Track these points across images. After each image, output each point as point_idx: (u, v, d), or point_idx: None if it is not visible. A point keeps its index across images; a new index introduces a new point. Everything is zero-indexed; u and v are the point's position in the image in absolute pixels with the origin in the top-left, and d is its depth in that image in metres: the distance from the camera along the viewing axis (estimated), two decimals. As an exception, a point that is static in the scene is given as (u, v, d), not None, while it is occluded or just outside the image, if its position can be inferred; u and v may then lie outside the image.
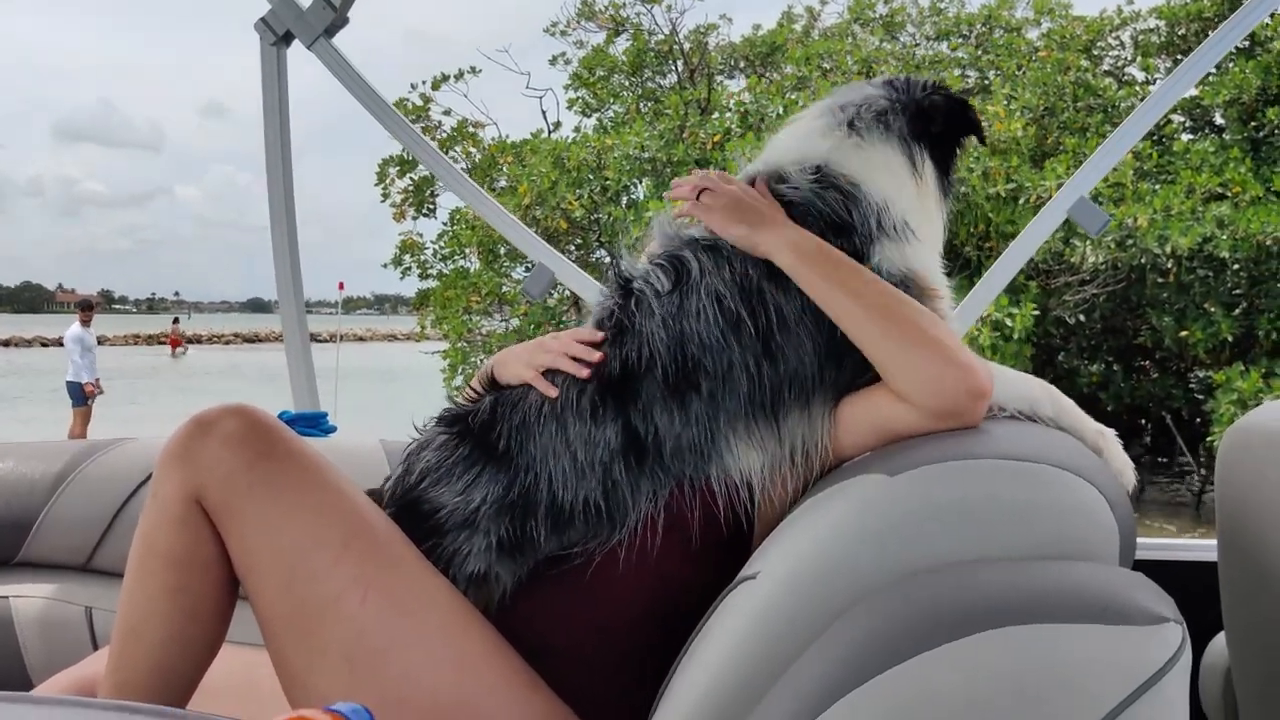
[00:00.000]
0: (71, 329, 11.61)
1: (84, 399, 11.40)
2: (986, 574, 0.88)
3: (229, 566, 1.19)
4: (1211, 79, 9.48)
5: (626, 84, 12.69)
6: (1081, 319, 9.05)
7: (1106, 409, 9.10)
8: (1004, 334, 7.67)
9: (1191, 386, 9.17)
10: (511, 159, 10.73)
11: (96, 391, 11.55)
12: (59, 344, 18.62)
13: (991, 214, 8.29)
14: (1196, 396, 8.95)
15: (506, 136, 11.56)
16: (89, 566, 1.77)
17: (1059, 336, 9.36)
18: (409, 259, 11.82)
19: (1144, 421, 10.23)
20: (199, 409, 1.20)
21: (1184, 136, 10.08)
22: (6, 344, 39.34)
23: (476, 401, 1.31)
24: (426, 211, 11.76)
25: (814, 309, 1.19)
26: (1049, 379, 1.24)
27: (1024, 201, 8.30)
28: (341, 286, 17.57)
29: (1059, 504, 0.95)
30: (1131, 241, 8.37)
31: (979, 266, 8.02)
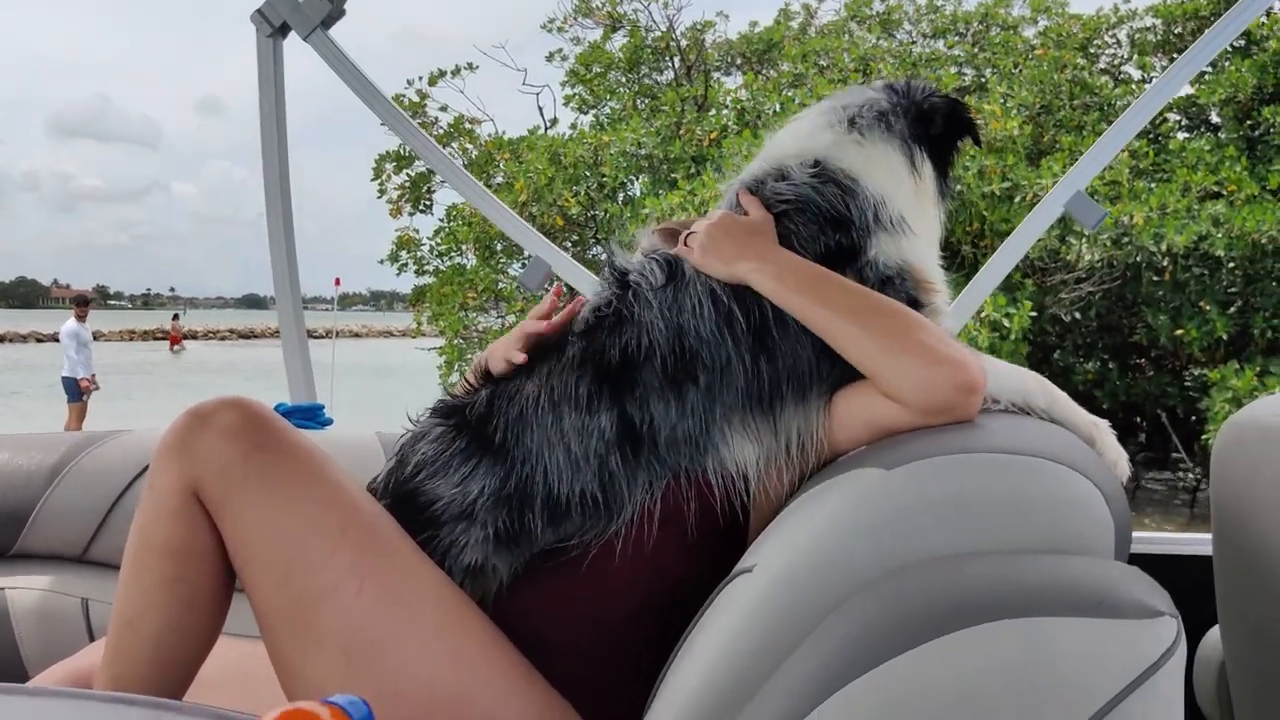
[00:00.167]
0: (67, 324, 11.59)
1: (79, 395, 11.39)
2: (981, 568, 0.88)
3: (225, 558, 1.19)
4: (1207, 77, 9.49)
5: (623, 80, 12.65)
6: (1077, 317, 9.05)
7: (1102, 406, 9.09)
8: (1001, 334, 7.67)
9: (1187, 384, 9.16)
10: (508, 155, 10.69)
11: (92, 387, 11.53)
12: (54, 339, 18.59)
13: (987, 212, 8.28)
14: (1192, 394, 8.94)
15: (503, 133, 11.52)
16: (85, 558, 1.77)
17: (1054, 334, 9.36)
18: (405, 255, 11.78)
19: (1139, 419, 10.23)
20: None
21: (1180, 135, 10.08)
22: (2, 339, 39.25)
23: (472, 394, 1.31)
24: (423, 208, 11.72)
25: None
26: (1044, 376, 1.25)
27: (1020, 200, 8.29)
28: (338, 282, 17.52)
29: (1054, 498, 0.95)
30: (1127, 239, 8.37)
31: (974, 264, 8.01)
